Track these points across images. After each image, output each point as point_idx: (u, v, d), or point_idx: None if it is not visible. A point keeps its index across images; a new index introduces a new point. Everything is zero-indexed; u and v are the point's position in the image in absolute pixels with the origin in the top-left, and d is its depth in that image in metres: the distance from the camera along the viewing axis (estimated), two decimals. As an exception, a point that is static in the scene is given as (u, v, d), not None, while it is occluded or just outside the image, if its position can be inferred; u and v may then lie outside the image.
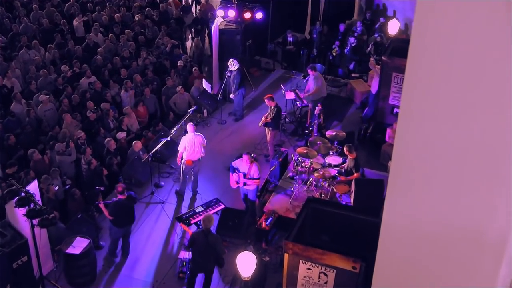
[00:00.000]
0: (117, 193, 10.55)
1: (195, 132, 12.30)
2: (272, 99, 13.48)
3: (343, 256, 7.88)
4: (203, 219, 9.71)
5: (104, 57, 16.82)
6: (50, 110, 14.14)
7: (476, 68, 2.99)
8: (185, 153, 12.26)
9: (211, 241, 9.47)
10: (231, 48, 16.83)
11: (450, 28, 2.96)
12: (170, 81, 15.85)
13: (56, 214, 10.24)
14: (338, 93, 17.20)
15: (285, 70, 18.94)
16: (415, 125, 3.32)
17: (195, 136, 12.24)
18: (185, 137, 12.31)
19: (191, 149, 12.20)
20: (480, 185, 3.21)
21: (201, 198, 12.58)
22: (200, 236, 9.54)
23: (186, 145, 12.20)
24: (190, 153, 12.23)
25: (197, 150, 12.27)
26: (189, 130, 12.26)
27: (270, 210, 11.62)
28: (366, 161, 13.35)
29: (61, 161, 12.55)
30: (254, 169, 11.27)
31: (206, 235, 9.47)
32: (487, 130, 3.06)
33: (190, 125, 12.34)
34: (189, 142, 12.18)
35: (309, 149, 12.17)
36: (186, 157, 12.26)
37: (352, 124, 15.41)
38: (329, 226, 8.96)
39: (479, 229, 3.31)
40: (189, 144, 12.17)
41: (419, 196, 3.48)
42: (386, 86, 13.80)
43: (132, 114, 14.39)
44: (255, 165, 11.29)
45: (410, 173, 3.44)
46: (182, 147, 12.26)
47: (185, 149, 12.23)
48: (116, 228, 10.68)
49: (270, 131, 13.55)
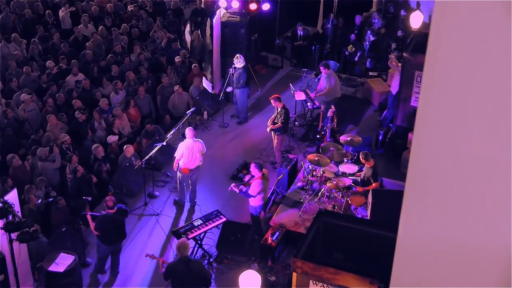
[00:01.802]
0: (106, 207, 10.51)
1: (194, 138, 12.28)
2: (279, 99, 13.44)
3: (359, 276, 7.82)
4: (177, 247, 9.47)
5: (94, 52, 16.84)
6: (32, 110, 14.15)
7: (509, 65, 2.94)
8: (182, 160, 12.24)
9: (194, 269, 9.33)
10: (234, 43, 16.81)
11: (475, 20, 2.91)
12: (166, 79, 15.84)
13: (38, 227, 10.20)
14: (354, 94, 17.17)
15: (294, 68, 18.93)
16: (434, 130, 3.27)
17: (194, 143, 12.22)
18: (183, 143, 12.29)
19: (189, 156, 12.18)
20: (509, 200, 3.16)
21: (200, 209, 12.55)
22: (179, 266, 9.34)
23: (183, 152, 12.17)
24: (187, 161, 12.22)
25: (195, 158, 12.25)
26: (188, 136, 12.24)
27: (277, 224, 11.57)
28: (385, 170, 13.29)
29: (44, 168, 12.54)
30: (255, 184, 11.16)
31: (186, 264, 9.30)
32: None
33: (190, 130, 12.33)
34: (188, 149, 12.16)
35: (321, 156, 12.12)
36: (182, 165, 12.24)
37: (369, 129, 15.37)
38: (343, 242, 8.89)
39: (505, 248, 3.26)
40: (187, 151, 12.16)
41: (438, 210, 3.44)
42: (408, 86, 13.74)
43: (123, 116, 14.38)
44: (258, 182, 11.15)
45: (428, 184, 3.40)
46: (179, 154, 12.24)
47: (182, 156, 12.21)
48: (104, 245, 10.66)
49: (277, 135, 13.52)
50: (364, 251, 8.55)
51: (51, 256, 10.24)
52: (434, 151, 3.27)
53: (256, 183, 11.14)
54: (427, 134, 3.27)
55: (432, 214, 3.43)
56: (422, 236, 3.53)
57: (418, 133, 3.32)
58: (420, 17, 16.24)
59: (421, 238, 3.54)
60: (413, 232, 3.58)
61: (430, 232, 3.48)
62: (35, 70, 15.87)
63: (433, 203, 3.40)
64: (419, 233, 3.54)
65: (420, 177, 3.39)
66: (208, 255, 11.24)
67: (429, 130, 3.26)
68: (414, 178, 3.44)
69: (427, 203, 3.42)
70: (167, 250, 11.61)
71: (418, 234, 3.56)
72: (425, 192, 3.41)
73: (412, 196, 3.50)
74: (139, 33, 18.44)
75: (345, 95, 16.45)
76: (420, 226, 3.52)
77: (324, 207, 11.60)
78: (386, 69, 16.95)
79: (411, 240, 3.60)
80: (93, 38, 17.57)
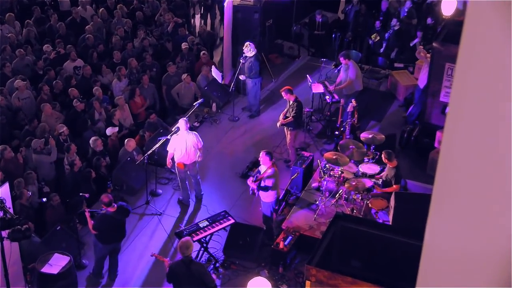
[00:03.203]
0: (103, 205, 10.47)
1: (188, 131, 12.26)
2: (291, 92, 13.42)
3: (378, 287, 7.81)
4: (179, 246, 9.49)
5: (94, 36, 16.91)
6: (27, 98, 14.23)
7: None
8: (175, 155, 12.26)
9: (194, 271, 9.36)
10: (247, 29, 16.83)
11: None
12: (172, 68, 15.88)
13: (31, 225, 10.27)
14: (377, 87, 17.14)
15: (312, 58, 18.92)
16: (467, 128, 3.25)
17: (187, 136, 12.19)
18: (175, 136, 12.23)
19: (183, 151, 12.16)
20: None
21: (206, 210, 12.58)
22: (180, 267, 9.40)
23: (176, 147, 12.17)
24: (181, 156, 12.19)
25: (190, 153, 12.22)
26: (181, 128, 12.14)
27: (290, 227, 11.58)
28: (410, 171, 13.26)
29: (39, 161, 12.61)
30: (269, 173, 11.15)
31: (188, 265, 9.35)
32: None
33: (183, 121, 12.18)
34: (179, 143, 12.12)
35: (339, 155, 12.11)
36: (176, 159, 12.25)
37: (393, 125, 15.34)
38: (361, 249, 8.89)
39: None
40: (180, 146, 12.12)
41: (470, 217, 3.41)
42: (437, 80, 13.69)
43: (125, 106, 14.43)
44: (271, 171, 11.18)
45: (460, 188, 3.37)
46: (171, 148, 12.22)
47: (174, 150, 12.22)
48: (102, 244, 10.69)
49: (290, 131, 13.52)
50: (384, 260, 8.54)
51: (45, 256, 10.29)
52: (467, 152, 3.25)
53: (270, 172, 11.12)
54: (460, 133, 3.25)
55: (464, 221, 3.41)
56: (452, 245, 3.50)
57: (449, 132, 3.30)
58: (453, 3, 16.13)
59: (451, 247, 3.51)
60: (442, 241, 3.55)
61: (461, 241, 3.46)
62: (29, 54, 15.93)
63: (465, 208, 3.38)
64: (448, 242, 3.52)
65: (451, 180, 3.37)
66: (214, 260, 11.26)
67: (462, 128, 3.24)
68: (444, 181, 3.41)
69: (458, 208, 3.40)
70: (170, 253, 11.64)
71: (447, 243, 3.53)
72: (457, 197, 3.38)
73: (441, 201, 3.48)
74: (143, 17, 18.47)
75: (367, 88, 16.41)
76: (450, 234, 3.50)
77: (341, 211, 11.59)
78: (413, 61, 16.88)
79: (439, 249, 3.57)
80: (93, 21, 17.63)
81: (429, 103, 14.05)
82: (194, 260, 9.71)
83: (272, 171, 11.16)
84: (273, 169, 11.18)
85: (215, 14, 20.83)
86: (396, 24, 17.71)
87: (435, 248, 3.55)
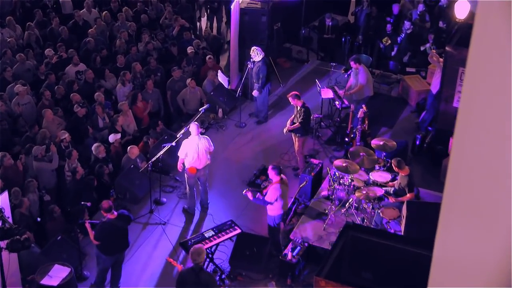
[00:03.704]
0: (103, 211, 10.42)
1: (199, 135, 12.26)
2: (298, 97, 13.40)
3: (390, 300, 7.77)
4: (191, 252, 9.52)
5: (97, 40, 16.93)
6: (27, 104, 14.25)
7: None
8: (186, 160, 12.24)
9: (203, 280, 9.36)
10: (254, 33, 16.84)
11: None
12: (177, 72, 15.88)
13: (30, 235, 10.26)
14: (388, 92, 17.09)
15: (321, 62, 18.90)
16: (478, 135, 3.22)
17: (199, 140, 12.21)
18: (186, 141, 12.23)
19: (194, 156, 12.15)
20: None
21: (212, 219, 12.56)
22: (189, 275, 9.42)
23: (187, 151, 12.17)
24: (193, 161, 12.18)
25: (202, 157, 12.23)
26: (193, 132, 12.19)
27: (298, 237, 11.54)
28: (422, 179, 13.22)
29: (40, 169, 12.62)
30: (273, 189, 11.11)
31: (197, 273, 9.35)
32: None
33: (194, 126, 12.23)
34: (192, 148, 12.11)
35: (349, 162, 12.07)
36: (188, 164, 12.22)
37: (405, 132, 15.30)
38: (372, 260, 8.85)
39: None
40: (192, 151, 12.12)
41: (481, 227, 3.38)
42: (450, 84, 13.65)
43: (129, 112, 14.43)
44: (275, 187, 11.10)
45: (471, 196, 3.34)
46: (182, 153, 12.22)
47: (186, 155, 12.21)
48: (105, 256, 10.65)
49: (297, 138, 13.49)
50: (396, 271, 8.50)
51: (44, 267, 10.26)
52: (478, 159, 3.21)
53: (274, 188, 11.08)
54: (470, 139, 3.22)
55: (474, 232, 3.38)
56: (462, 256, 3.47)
57: (459, 138, 3.27)
58: (467, 6, 16.10)
59: (461, 258, 3.48)
60: (451, 252, 3.52)
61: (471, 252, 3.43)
62: (30, 58, 15.97)
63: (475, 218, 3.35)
64: (458, 253, 3.49)
65: (461, 188, 3.34)
66: (220, 271, 11.22)
67: (471, 134, 3.21)
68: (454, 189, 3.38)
69: (468, 218, 3.37)
70: (174, 264, 11.62)
71: (457, 254, 3.50)
72: (467, 206, 3.35)
73: (451, 210, 3.44)
74: (148, 20, 18.49)
75: (378, 93, 16.37)
76: (460, 245, 3.46)
77: (352, 220, 11.55)
78: (425, 65, 16.83)
79: (448, 261, 3.54)
80: (97, 24, 17.66)
81: (442, 109, 14.01)
82: (204, 269, 9.69)
83: (275, 187, 11.09)
84: (277, 186, 11.10)
85: (222, 17, 20.86)
86: (409, 27, 17.68)
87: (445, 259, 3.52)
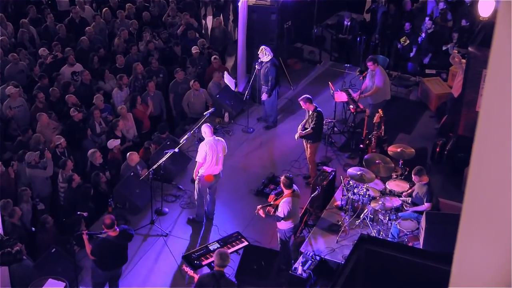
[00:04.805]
0: (105, 227, 10.32)
1: (214, 136, 12.25)
2: (310, 101, 13.38)
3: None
4: (216, 255, 9.55)
5: (95, 38, 16.98)
6: (20, 107, 14.29)
7: None
8: (205, 165, 12.19)
9: (224, 287, 9.43)
10: (263, 32, 16.87)
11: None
12: (180, 74, 15.90)
13: (22, 247, 10.29)
14: (406, 96, 17.10)
15: (335, 63, 18.92)
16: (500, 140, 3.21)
17: (217, 142, 12.17)
18: (204, 143, 12.12)
19: (214, 158, 12.07)
20: None
21: (217, 230, 12.56)
22: (209, 281, 9.44)
23: (207, 153, 12.01)
24: (211, 164, 12.11)
25: (219, 161, 12.21)
26: (207, 134, 12.08)
27: (309, 250, 11.54)
28: (442, 189, 13.22)
29: (33, 176, 12.64)
30: (284, 204, 11.08)
31: (218, 280, 9.38)
32: None
33: (208, 127, 12.15)
34: (211, 149, 12.01)
35: (364, 170, 12.07)
36: (205, 171, 12.16)
37: (424, 138, 15.30)
38: (388, 275, 8.84)
39: None
40: (211, 151, 12.02)
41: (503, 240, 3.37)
42: (473, 88, 13.63)
43: (128, 116, 14.46)
44: (286, 201, 11.07)
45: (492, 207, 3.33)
46: (201, 157, 12.05)
47: (205, 160, 12.12)
48: (100, 271, 10.65)
49: (309, 144, 13.49)
50: (414, 287, 8.49)
51: (38, 282, 10.28)
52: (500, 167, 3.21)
53: (285, 202, 11.06)
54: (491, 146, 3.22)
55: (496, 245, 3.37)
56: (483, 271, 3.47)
57: (480, 145, 3.27)
58: (491, 4, 16.08)
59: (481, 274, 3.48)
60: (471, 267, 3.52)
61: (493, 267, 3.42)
62: (24, 58, 15.99)
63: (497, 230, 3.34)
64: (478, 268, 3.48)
65: (483, 198, 3.33)
66: (225, 286, 11.23)
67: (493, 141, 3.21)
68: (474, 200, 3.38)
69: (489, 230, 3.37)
70: (177, 279, 11.62)
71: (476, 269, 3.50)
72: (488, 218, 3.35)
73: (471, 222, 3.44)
74: (150, 17, 18.53)
75: (395, 97, 16.38)
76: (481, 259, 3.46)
77: (367, 232, 11.54)
78: (447, 67, 16.82)
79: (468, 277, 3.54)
80: (95, 22, 17.71)
81: (464, 114, 13.99)
82: (227, 276, 9.68)
83: (286, 202, 11.06)
84: (289, 200, 11.06)
85: (229, 15, 20.90)
86: (430, 26, 17.66)
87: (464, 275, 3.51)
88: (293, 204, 11.03)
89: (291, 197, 11.04)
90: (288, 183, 11.08)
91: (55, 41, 16.66)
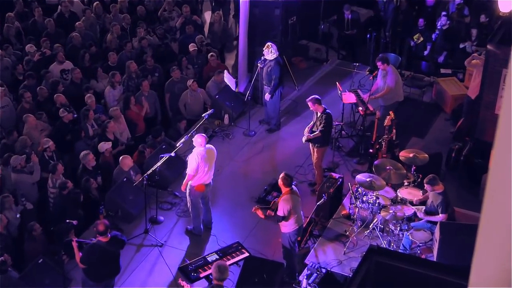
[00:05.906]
0: (97, 233, 10.41)
1: (206, 146, 12.19)
2: (319, 102, 13.38)
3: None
4: (214, 268, 9.58)
5: (85, 34, 16.99)
6: (5, 107, 14.30)
7: None
8: (196, 176, 12.20)
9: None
10: (266, 28, 16.87)
11: None
12: (176, 72, 15.92)
13: (7, 258, 10.30)
14: (419, 97, 17.10)
15: (343, 61, 18.94)
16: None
17: (209, 151, 12.18)
18: (194, 155, 12.08)
19: (205, 169, 12.12)
20: None
21: (216, 241, 12.58)
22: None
23: (199, 165, 12.02)
24: (203, 175, 12.16)
25: (211, 170, 12.25)
26: (199, 144, 12.04)
27: (315, 262, 11.55)
28: (458, 197, 13.21)
29: (19, 182, 12.63)
30: (282, 201, 11.11)
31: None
32: None
33: (201, 137, 12.12)
34: (203, 160, 12.04)
35: (374, 177, 12.08)
36: (195, 181, 12.17)
37: (438, 143, 15.31)
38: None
39: None
40: (203, 162, 12.06)
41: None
42: (491, 88, 13.63)
43: (121, 118, 14.47)
44: (285, 198, 11.09)
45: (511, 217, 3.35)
46: (192, 169, 12.05)
47: (196, 172, 12.13)
48: (91, 281, 10.67)
49: (316, 148, 13.50)
50: (427, 302, 8.50)
51: (23, 295, 10.34)
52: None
53: (283, 200, 11.06)
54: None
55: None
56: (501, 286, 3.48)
57: (499, 150, 3.29)
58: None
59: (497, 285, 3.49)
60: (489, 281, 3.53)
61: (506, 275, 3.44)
62: (9, 55, 16.01)
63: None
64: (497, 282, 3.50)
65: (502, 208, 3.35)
66: (224, 300, 11.25)
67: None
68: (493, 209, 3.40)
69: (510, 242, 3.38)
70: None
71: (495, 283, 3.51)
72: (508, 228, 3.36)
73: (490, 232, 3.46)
74: (145, 12, 18.55)
75: (408, 98, 16.39)
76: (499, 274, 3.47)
77: (376, 243, 11.55)
78: (463, 66, 16.82)
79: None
80: (85, 17, 17.72)
81: (481, 116, 13.99)
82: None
83: (285, 199, 11.08)
84: (287, 197, 11.07)
85: (229, 10, 20.91)
86: (445, 23, 17.66)
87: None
88: (293, 202, 11.03)
89: (290, 194, 11.06)
90: (287, 181, 11.09)
91: (43, 37, 16.67)
